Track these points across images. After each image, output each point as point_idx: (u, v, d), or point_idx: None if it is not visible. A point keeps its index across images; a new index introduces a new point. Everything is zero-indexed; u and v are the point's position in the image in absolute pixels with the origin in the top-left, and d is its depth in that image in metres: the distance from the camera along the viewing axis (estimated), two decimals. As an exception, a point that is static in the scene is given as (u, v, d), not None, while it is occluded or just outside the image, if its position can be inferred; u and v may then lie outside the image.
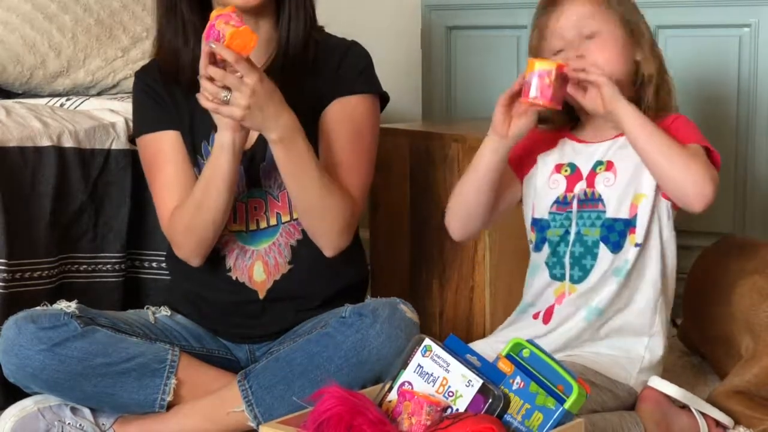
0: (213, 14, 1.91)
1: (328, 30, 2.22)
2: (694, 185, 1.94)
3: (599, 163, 2.08)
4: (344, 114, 2.11)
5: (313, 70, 2.14)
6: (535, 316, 2.11)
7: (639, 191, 2.04)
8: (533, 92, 1.92)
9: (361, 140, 2.14)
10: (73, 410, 2.08)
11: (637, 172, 2.03)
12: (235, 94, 1.89)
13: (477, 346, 2.09)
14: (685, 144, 2.00)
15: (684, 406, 2.10)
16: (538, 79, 1.92)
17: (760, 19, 2.74)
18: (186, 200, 2.09)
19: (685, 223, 2.15)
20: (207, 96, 1.91)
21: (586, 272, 2.08)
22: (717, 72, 2.41)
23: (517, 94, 1.99)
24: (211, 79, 1.89)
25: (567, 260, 2.09)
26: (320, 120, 2.13)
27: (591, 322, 2.07)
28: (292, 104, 2.01)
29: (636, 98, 2.06)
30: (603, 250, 2.06)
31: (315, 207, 2.07)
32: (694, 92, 2.78)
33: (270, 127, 1.96)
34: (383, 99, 2.22)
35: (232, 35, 1.85)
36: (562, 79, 1.94)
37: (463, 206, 2.16)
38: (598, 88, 1.97)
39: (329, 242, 2.11)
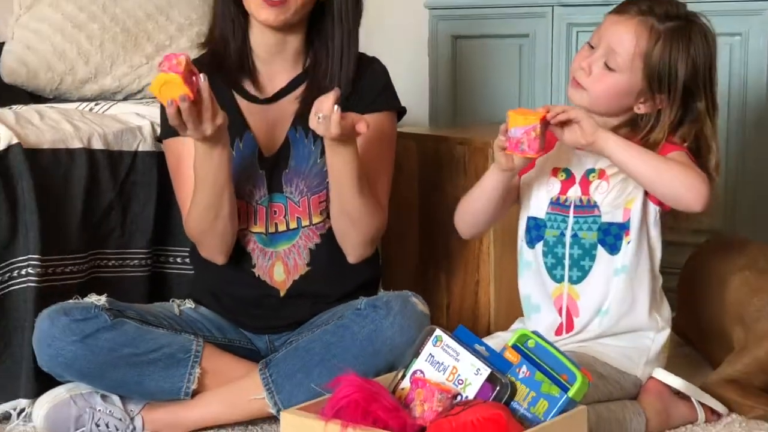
0: None
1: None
2: (689, 190, 1.94)
3: (591, 170, 2.09)
4: (371, 130, 2.08)
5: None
6: (558, 332, 2.11)
7: (630, 196, 2.05)
8: (523, 147, 1.94)
9: (385, 154, 2.16)
10: (103, 397, 2.08)
11: (627, 178, 2.03)
12: (329, 123, 1.92)
13: (496, 338, 2.10)
14: (669, 152, 2.01)
15: (682, 396, 2.10)
16: (524, 135, 1.93)
17: (750, 29, 2.75)
18: (196, 205, 2.09)
19: (678, 222, 2.14)
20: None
21: (585, 273, 2.08)
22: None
23: None
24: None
25: (566, 262, 2.10)
26: None
27: (605, 327, 2.08)
28: None
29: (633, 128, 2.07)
30: (601, 252, 2.07)
31: (351, 216, 2.09)
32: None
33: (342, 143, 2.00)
34: (400, 111, 2.23)
35: None
36: (545, 126, 1.95)
37: (471, 214, 2.18)
38: (578, 123, 1.97)
39: (355, 251, 2.14)
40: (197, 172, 2.05)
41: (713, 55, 2.06)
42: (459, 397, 1.80)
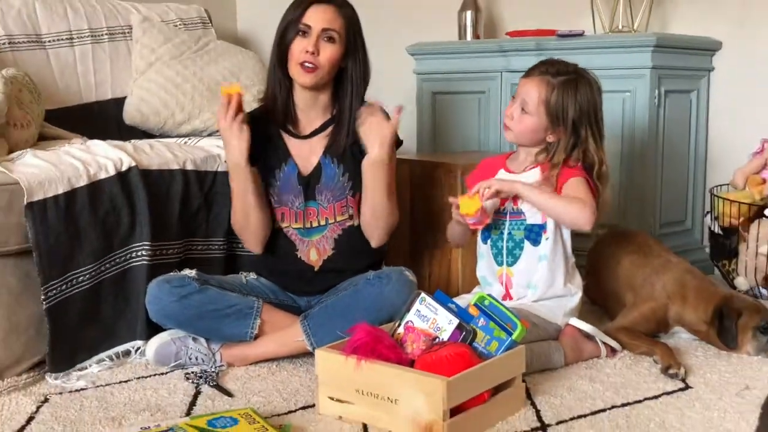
0: None
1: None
2: (580, 219, 1.95)
3: None
4: None
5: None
6: (504, 298, 2.10)
7: None
8: (483, 221, 2.00)
9: (393, 174, 2.14)
10: (194, 339, 2.08)
11: None
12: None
13: (462, 299, 2.10)
14: (571, 178, 1.99)
15: (590, 338, 2.10)
16: (478, 216, 1.98)
17: (637, 87, 2.73)
18: (235, 210, 2.11)
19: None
20: None
21: (516, 259, 2.08)
22: (608, 122, 2.40)
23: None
24: None
25: (504, 252, 2.10)
26: (365, 159, 2.10)
27: (536, 296, 2.08)
28: (343, 149, 2.07)
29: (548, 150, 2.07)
30: (527, 244, 2.07)
31: (382, 215, 2.09)
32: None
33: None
34: (398, 143, 2.21)
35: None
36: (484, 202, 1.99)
37: (454, 240, 2.21)
38: (500, 189, 1.99)
39: (379, 238, 2.13)
40: (234, 186, 2.06)
41: (596, 98, 2.05)
42: (437, 340, 1.81)
